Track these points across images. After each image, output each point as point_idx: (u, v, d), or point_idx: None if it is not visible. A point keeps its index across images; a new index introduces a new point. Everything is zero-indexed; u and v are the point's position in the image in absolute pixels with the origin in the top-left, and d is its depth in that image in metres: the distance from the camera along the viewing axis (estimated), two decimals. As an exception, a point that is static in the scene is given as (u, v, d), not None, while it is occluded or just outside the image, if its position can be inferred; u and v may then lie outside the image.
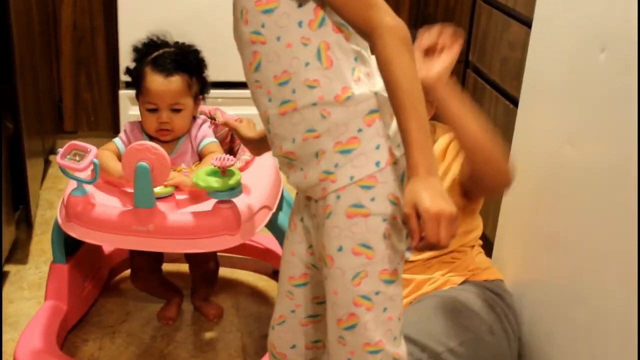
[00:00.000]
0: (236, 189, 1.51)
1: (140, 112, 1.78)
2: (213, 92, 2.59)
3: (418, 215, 1.05)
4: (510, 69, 1.99)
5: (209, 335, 1.93)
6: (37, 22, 2.52)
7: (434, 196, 1.05)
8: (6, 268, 2.12)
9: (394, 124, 1.14)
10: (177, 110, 1.74)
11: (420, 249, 1.09)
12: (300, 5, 1.10)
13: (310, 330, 1.32)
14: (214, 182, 1.49)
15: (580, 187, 1.47)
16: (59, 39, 2.80)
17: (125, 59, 1.86)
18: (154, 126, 1.74)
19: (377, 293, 1.15)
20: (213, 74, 2.62)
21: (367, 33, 1.10)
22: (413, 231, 1.07)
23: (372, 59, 1.16)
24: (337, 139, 1.12)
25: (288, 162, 1.19)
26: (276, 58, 1.11)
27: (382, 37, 1.07)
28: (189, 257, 1.98)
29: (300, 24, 1.10)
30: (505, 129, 1.87)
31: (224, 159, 1.49)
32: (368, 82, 1.14)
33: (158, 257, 1.94)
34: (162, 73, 1.72)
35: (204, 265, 1.96)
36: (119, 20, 2.66)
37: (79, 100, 2.90)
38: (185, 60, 1.76)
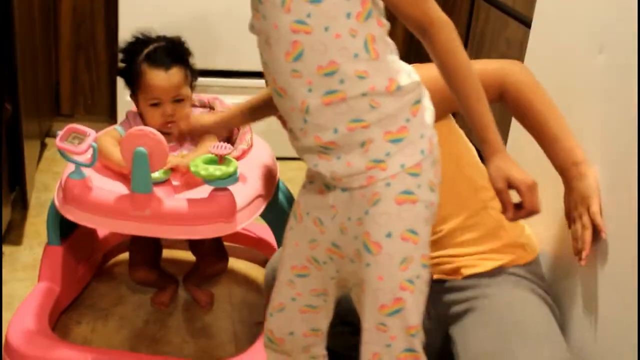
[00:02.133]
0: (232, 176, 1.53)
1: (140, 109, 1.79)
2: (211, 81, 2.62)
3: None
4: (508, 67, 2.00)
5: (201, 321, 1.94)
6: (38, 5, 2.51)
7: (520, 169, 1.16)
8: (0, 249, 2.13)
9: (426, 114, 1.20)
10: (179, 101, 1.76)
11: (516, 219, 1.20)
12: None
13: (309, 318, 1.34)
14: (213, 170, 1.50)
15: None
16: (58, 21, 2.80)
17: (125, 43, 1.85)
18: (158, 121, 1.75)
19: (418, 277, 1.20)
20: (214, 61, 2.64)
21: (424, 26, 1.14)
22: (508, 203, 1.17)
23: None
24: (387, 128, 1.16)
25: (322, 151, 1.19)
26: (323, 48, 1.12)
27: (442, 30, 1.14)
28: (193, 247, 2.00)
29: (348, 15, 1.11)
30: (499, 125, 1.88)
31: (221, 146, 1.50)
32: (404, 75, 1.18)
33: (157, 253, 1.97)
34: (162, 67, 1.73)
35: (208, 258, 1.98)
36: (119, 4, 2.66)
37: (77, 84, 2.90)
38: (178, 52, 1.79)
